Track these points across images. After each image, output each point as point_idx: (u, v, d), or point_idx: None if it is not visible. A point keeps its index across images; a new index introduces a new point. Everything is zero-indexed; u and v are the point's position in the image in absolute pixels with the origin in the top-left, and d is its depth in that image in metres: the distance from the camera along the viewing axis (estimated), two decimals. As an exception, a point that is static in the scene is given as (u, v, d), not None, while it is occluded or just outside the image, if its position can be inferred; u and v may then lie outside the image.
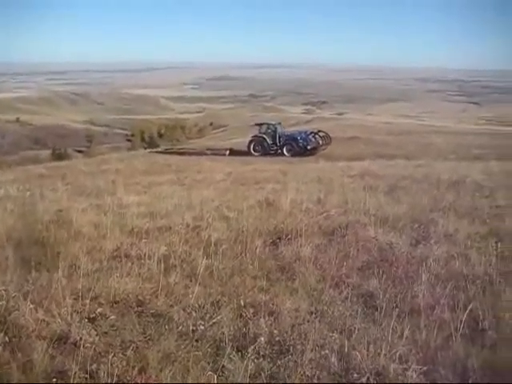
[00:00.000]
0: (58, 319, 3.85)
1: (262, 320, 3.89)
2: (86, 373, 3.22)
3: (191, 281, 4.78)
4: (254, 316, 4.01)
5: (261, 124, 30.32)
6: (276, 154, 28.00)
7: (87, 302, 4.18)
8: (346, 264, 5.23)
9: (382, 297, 4.35)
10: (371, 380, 3.18)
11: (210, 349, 3.58)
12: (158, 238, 6.26)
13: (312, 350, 3.47)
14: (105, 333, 3.78)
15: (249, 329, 3.79)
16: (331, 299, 4.39)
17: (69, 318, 3.87)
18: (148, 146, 53.65)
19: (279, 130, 29.24)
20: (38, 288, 4.38)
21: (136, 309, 4.20)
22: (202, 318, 3.96)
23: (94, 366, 3.27)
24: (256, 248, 5.67)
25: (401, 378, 3.20)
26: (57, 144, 59.61)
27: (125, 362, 3.32)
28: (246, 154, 28.04)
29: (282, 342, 3.61)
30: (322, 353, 3.45)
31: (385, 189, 10.24)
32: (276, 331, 3.74)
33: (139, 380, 3.16)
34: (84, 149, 60.84)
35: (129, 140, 70.59)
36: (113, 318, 3.98)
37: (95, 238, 6.23)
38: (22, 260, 5.03)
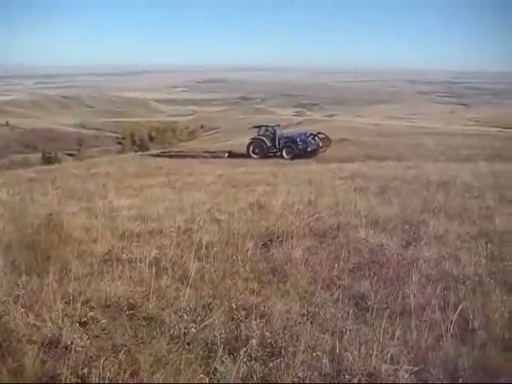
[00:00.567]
0: (49, 323, 3.83)
1: (253, 322, 3.89)
2: (78, 377, 3.20)
3: (183, 284, 4.76)
4: (246, 318, 4.01)
5: (259, 126, 29.67)
6: (275, 156, 27.58)
7: (78, 305, 4.15)
8: (337, 266, 5.24)
9: (373, 298, 4.38)
10: (363, 381, 3.19)
11: (201, 351, 3.56)
12: (149, 241, 6.23)
13: (304, 352, 3.48)
14: (96, 336, 3.76)
15: (240, 331, 3.79)
16: (323, 301, 4.40)
17: (60, 322, 3.84)
18: (139, 148, 53.60)
19: (278, 132, 28.61)
20: (28, 292, 4.34)
21: (127, 312, 4.18)
22: (194, 321, 3.95)
23: (85, 369, 3.24)
24: (247, 250, 5.66)
25: (392, 379, 3.21)
26: (47, 147, 59.42)
27: (116, 366, 3.30)
28: (246, 156, 27.62)
29: (274, 344, 3.61)
30: (314, 354, 3.45)
31: (375, 190, 10.29)
32: (268, 333, 3.74)
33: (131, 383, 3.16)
34: (74, 152, 60.73)
35: (119, 143, 70.43)
36: (104, 321, 3.95)
37: (86, 241, 6.19)
38: (12, 264, 4.99)
